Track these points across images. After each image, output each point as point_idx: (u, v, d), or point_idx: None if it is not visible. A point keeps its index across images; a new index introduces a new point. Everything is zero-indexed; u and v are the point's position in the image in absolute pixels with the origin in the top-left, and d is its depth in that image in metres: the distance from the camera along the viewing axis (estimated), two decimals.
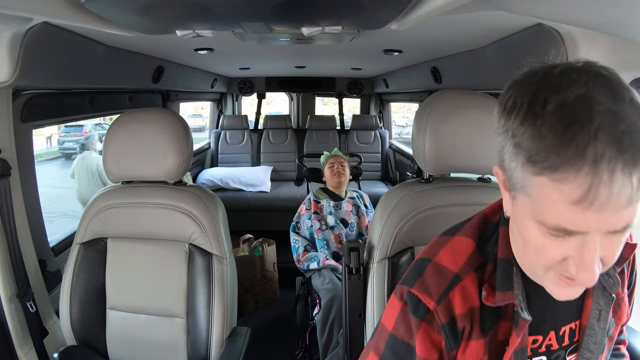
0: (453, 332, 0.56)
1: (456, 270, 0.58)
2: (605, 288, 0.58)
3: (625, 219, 0.42)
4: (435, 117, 0.93)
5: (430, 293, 0.57)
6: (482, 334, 0.57)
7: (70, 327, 1.12)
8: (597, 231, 0.42)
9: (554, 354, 0.60)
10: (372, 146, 3.66)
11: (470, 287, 0.57)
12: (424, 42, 1.48)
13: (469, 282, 0.57)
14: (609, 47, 0.88)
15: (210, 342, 1.09)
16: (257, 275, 2.46)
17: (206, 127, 4.58)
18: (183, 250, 1.12)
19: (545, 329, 0.59)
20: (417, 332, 0.57)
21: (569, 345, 0.60)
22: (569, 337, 0.60)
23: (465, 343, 0.57)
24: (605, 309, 0.58)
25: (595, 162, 0.39)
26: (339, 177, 2.15)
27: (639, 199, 0.41)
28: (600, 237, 0.43)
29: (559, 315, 0.59)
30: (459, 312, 0.56)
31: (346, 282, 1.03)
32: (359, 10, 0.87)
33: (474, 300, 0.56)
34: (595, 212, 0.41)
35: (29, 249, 1.21)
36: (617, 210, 0.40)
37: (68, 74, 1.23)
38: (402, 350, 0.58)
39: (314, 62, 2.55)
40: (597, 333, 0.59)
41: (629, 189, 0.39)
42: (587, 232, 0.43)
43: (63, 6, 0.77)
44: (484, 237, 0.60)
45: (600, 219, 0.41)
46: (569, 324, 0.59)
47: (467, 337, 0.57)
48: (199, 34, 1.03)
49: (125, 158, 1.10)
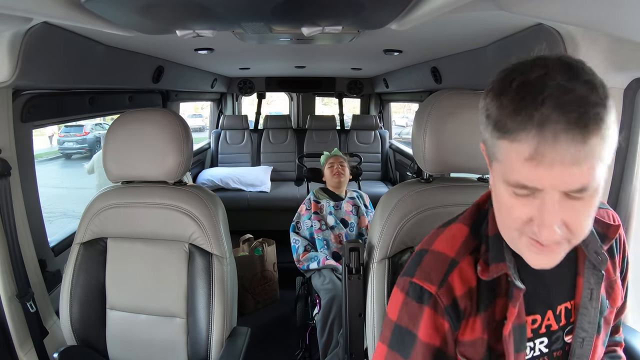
0: (456, 312, 0.60)
1: (453, 255, 0.62)
2: (594, 266, 0.63)
3: (578, 180, 0.47)
4: (435, 117, 0.93)
5: (431, 279, 0.61)
6: (481, 311, 0.61)
7: (70, 327, 1.12)
8: (552, 188, 0.49)
9: (554, 334, 0.63)
10: (372, 146, 3.66)
11: (467, 269, 0.61)
12: (424, 42, 1.48)
13: (465, 264, 0.62)
14: (609, 47, 0.89)
15: (210, 342, 1.09)
16: (257, 275, 2.46)
17: (206, 127, 4.58)
18: (183, 250, 1.12)
19: (542, 308, 0.62)
20: (421, 318, 0.61)
21: (565, 326, 0.63)
22: (565, 316, 0.63)
23: (465, 322, 0.61)
24: (596, 288, 0.62)
25: (541, 124, 0.47)
26: (339, 177, 2.15)
27: (586, 160, 0.47)
28: (560, 200, 0.49)
29: (553, 293, 0.63)
30: (459, 294, 0.60)
31: (346, 282, 1.03)
32: (359, 10, 0.87)
33: (472, 281, 0.61)
34: (545, 169, 0.47)
35: (29, 249, 1.21)
36: (563, 167, 0.47)
37: (68, 74, 1.23)
38: (406, 338, 0.62)
39: (314, 62, 2.55)
40: (591, 312, 0.62)
41: (572, 148, 0.46)
42: (543, 189, 0.49)
43: (63, 6, 0.77)
44: (476, 222, 0.65)
45: (551, 176, 0.48)
46: (564, 303, 0.63)
47: (468, 316, 0.61)
48: (199, 34, 1.03)
49: (125, 158, 1.10)
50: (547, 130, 0.46)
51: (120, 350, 1.14)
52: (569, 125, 0.46)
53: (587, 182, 0.48)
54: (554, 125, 0.46)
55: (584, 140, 0.46)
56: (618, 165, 1.00)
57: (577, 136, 0.46)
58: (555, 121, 0.46)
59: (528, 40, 1.09)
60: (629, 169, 1.00)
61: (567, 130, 0.46)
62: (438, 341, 0.61)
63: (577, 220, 0.51)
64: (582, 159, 0.47)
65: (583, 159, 0.47)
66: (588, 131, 0.46)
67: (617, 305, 0.68)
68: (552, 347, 0.64)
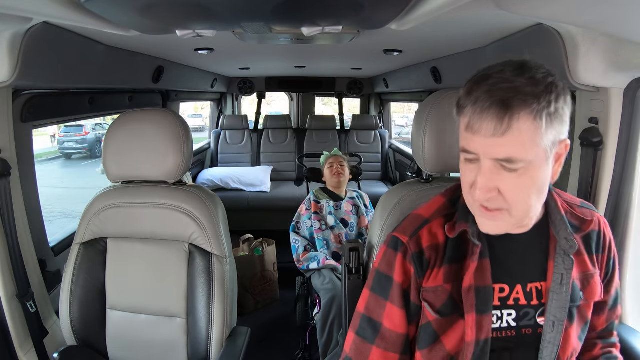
0: (420, 261, 0.72)
1: (427, 216, 0.76)
2: (565, 252, 0.70)
3: (502, 150, 0.59)
4: (435, 117, 0.93)
5: (405, 232, 0.74)
6: (444, 263, 0.72)
7: (70, 327, 1.12)
8: (483, 155, 0.61)
9: (523, 309, 0.71)
10: (372, 146, 3.66)
11: (436, 228, 0.74)
12: (424, 42, 1.48)
13: (435, 224, 0.74)
14: (609, 47, 0.89)
15: (210, 342, 1.09)
16: (257, 275, 2.46)
17: (206, 127, 4.57)
18: (183, 250, 1.12)
19: (510, 280, 0.71)
20: (395, 263, 0.73)
21: (538, 306, 0.71)
22: (537, 297, 0.71)
23: (430, 272, 0.72)
24: (567, 274, 0.69)
25: (474, 102, 0.60)
26: (339, 177, 2.15)
27: (509, 135, 0.58)
28: (492, 167, 0.61)
29: (523, 270, 0.71)
30: (426, 245, 0.73)
31: (346, 282, 1.03)
32: (359, 10, 0.87)
33: (439, 237, 0.73)
34: (475, 136, 0.61)
35: (29, 249, 1.21)
36: (487, 137, 0.59)
37: (68, 74, 1.23)
38: (384, 281, 0.75)
39: (314, 62, 2.55)
40: (561, 297, 0.69)
41: (495, 122, 0.58)
42: (477, 154, 0.62)
43: (63, 6, 0.77)
44: (454, 196, 0.77)
45: (480, 143, 0.61)
46: (535, 282, 0.71)
47: (432, 267, 0.72)
48: (199, 34, 1.03)
49: (125, 158, 1.10)
50: (477, 107, 0.60)
51: (120, 350, 1.14)
52: (492, 104, 0.58)
53: (512, 154, 0.59)
54: (482, 103, 0.59)
55: (504, 118, 0.58)
56: (618, 165, 1.00)
57: (499, 113, 0.58)
58: (483, 100, 0.59)
59: (528, 41, 1.09)
60: (629, 169, 1.00)
61: (490, 107, 0.58)
62: (406, 284, 0.73)
63: (511, 191, 0.61)
64: (505, 133, 0.58)
65: (505, 133, 0.58)
66: (511, 112, 0.58)
67: (593, 299, 0.73)
68: (520, 323, 0.71)
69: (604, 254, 0.75)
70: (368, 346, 0.75)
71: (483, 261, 0.70)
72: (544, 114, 0.58)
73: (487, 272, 0.69)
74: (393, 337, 0.74)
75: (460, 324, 0.70)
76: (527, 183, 0.61)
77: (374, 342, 0.74)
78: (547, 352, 0.70)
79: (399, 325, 0.74)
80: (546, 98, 0.58)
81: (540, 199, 0.65)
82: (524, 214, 0.64)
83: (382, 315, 0.74)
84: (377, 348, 0.74)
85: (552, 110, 0.59)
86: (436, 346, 0.71)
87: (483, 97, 0.59)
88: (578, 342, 0.73)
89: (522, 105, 0.58)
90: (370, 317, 0.75)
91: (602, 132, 1.00)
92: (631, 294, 1.03)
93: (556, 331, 0.69)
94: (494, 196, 0.62)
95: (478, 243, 0.69)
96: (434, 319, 0.71)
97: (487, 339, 0.69)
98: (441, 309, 0.71)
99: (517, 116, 0.58)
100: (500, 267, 0.70)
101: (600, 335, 0.82)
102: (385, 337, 0.74)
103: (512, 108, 0.58)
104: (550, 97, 0.59)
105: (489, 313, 0.69)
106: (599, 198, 1.03)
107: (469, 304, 0.68)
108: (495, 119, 0.58)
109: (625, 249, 1.03)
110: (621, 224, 1.03)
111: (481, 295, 0.69)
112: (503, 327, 0.71)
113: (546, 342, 0.70)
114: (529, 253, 0.72)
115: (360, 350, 0.75)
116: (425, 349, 0.72)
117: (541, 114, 0.58)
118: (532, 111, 0.58)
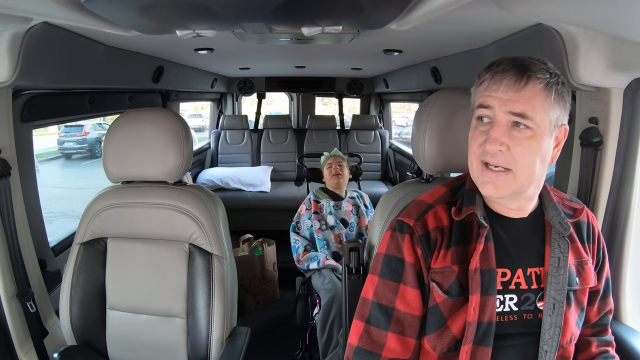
0: (427, 241, 0.74)
1: (431, 201, 0.78)
2: (560, 235, 0.74)
3: (517, 105, 0.66)
4: (435, 117, 0.93)
5: (410, 216, 0.77)
6: (451, 246, 0.73)
7: (70, 327, 1.12)
8: (499, 106, 0.67)
9: (524, 294, 0.73)
10: (372, 146, 3.66)
11: (441, 212, 0.76)
12: (424, 42, 1.48)
13: (440, 209, 0.77)
14: (609, 47, 0.89)
15: (210, 342, 1.09)
16: (257, 275, 2.46)
17: (206, 127, 4.57)
18: (183, 250, 1.12)
19: (512, 265, 0.73)
20: (404, 244, 0.75)
21: (537, 291, 0.74)
22: (536, 281, 0.74)
23: (437, 252, 0.74)
24: (563, 257, 0.73)
25: (498, 66, 0.69)
26: (337, 177, 2.15)
27: (524, 92, 0.66)
28: (506, 125, 0.67)
29: (523, 255, 0.74)
30: (432, 227, 0.75)
31: (346, 282, 1.03)
32: (359, 10, 0.87)
33: (444, 221, 0.75)
34: (498, 93, 0.68)
35: (29, 249, 1.21)
36: (507, 90, 0.67)
37: (68, 73, 1.23)
38: (394, 264, 0.75)
39: (314, 62, 2.55)
40: (560, 280, 0.72)
41: (513, 79, 0.67)
42: (493, 107, 0.68)
43: (63, 6, 0.77)
44: (455, 186, 0.81)
45: (502, 98, 0.67)
46: (534, 267, 0.74)
47: (439, 248, 0.74)
48: (199, 34, 1.03)
49: (125, 158, 1.10)
50: (500, 68, 0.68)
51: (120, 350, 1.13)
52: (514, 66, 0.67)
53: (525, 110, 0.66)
54: (504, 65, 0.68)
55: (523, 76, 0.66)
56: (618, 165, 1.00)
57: (519, 72, 0.66)
58: (505, 63, 0.68)
59: (528, 41, 1.09)
60: (629, 169, 1.00)
61: (512, 68, 0.67)
62: (417, 265, 0.74)
63: (518, 148, 0.67)
64: (523, 88, 0.66)
65: (523, 88, 0.66)
66: (529, 73, 0.66)
67: (588, 285, 0.76)
68: (521, 307, 0.73)
69: (594, 244, 0.80)
70: (382, 333, 0.73)
71: (488, 244, 0.72)
72: (553, 88, 0.67)
73: (491, 255, 0.72)
74: (409, 319, 0.73)
75: (466, 307, 0.71)
76: (533, 146, 0.67)
77: (388, 328, 0.73)
78: (549, 334, 0.71)
79: (415, 307, 0.73)
80: (554, 79, 0.68)
81: (542, 169, 0.69)
82: (527, 179, 0.68)
83: (395, 300, 0.74)
84: (392, 334, 0.73)
85: (560, 88, 0.68)
86: (444, 331, 0.72)
87: (505, 61, 0.68)
88: (576, 328, 0.75)
89: (538, 72, 0.67)
90: (381, 303, 0.74)
91: (602, 132, 1.00)
92: (631, 294, 1.03)
93: (557, 313, 0.71)
94: (503, 151, 0.67)
95: (486, 225, 0.72)
96: (442, 299, 0.72)
97: (491, 322, 0.70)
98: (449, 289, 0.72)
99: (534, 78, 0.66)
100: (502, 251, 0.73)
101: (594, 331, 0.82)
102: (400, 320, 0.73)
103: (530, 71, 0.66)
104: (558, 79, 0.68)
105: (493, 295, 0.71)
106: (599, 198, 1.03)
107: (475, 285, 0.70)
108: (516, 75, 0.67)
109: (625, 249, 1.02)
110: (621, 224, 1.03)
111: (486, 278, 0.71)
112: (505, 311, 0.72)
113: (547, 324, 0.71)
114: (528, 238, 0.75)
115: (373, 339, 0.74)
116: (433, 333, 0.73)
117: (551, 86, 0.67)
118: (544, 80, 0.67)
